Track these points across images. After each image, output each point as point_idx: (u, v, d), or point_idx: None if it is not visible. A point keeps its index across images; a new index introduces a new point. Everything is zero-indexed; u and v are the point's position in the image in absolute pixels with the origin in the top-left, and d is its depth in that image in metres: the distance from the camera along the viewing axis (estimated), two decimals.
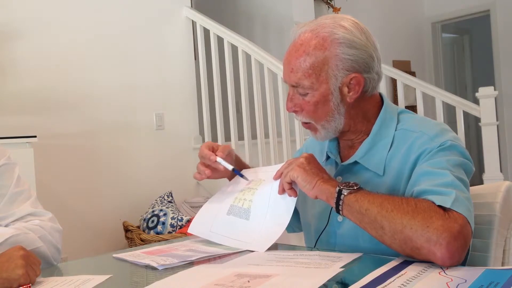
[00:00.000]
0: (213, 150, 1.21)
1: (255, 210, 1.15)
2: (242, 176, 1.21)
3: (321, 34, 1.08)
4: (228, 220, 1.18)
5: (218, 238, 1.17)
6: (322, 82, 1.08)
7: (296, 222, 1.33)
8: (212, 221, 1.22)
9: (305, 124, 1.16)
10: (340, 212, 1.00)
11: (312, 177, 1.04)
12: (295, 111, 1.14)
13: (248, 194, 1.18)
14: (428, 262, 0.89)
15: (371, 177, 1.09)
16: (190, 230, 1.25)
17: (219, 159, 1.19)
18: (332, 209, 1.12)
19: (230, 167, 1.20)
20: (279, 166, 1.14)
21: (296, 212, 1.30)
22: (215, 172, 1.23)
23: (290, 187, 1.09)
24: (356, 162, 1.12)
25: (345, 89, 1.09)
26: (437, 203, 0.91)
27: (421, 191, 0.97)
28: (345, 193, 0.98)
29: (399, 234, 0.91)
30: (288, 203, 1.10)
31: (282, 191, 1.10)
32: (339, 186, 1.00)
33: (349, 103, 1.10)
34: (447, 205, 0.91)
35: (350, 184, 1.00)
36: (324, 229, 1.16)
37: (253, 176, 1.23)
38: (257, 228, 1.13)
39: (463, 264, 0.93)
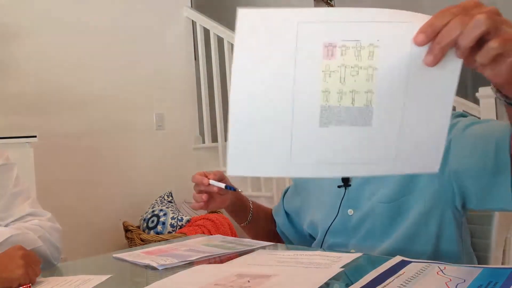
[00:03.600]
0: (206, 177, 1.20)
1: (382, 105, 0.64)
2: (235, 190, 1.18)
3: None
4: (327, 135, 0.66)
5: (318, 169, 0.69)
6: None
7: (293, 234, 1.30)
8: (288, 145, 0.66)
9: None
10: None
11: None
12: None
13: (350, 80, 0.63)
14: (426, 262, 0.89)
15: None
16: (232, 170, 0.67)
17: (211, 181, 1.17)
18: (341, 202, 1.09)
19: (222, 185, 1.17)
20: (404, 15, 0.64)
21: (291, 226, 1.28)
22: (211, 200, 1.20)
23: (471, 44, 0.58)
24: None
25: None
26: None
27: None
28: None
29: None
30: (450, 74, 0.63)
31: (439, 57, 0.60)
32: None
33: None
34: None
35: None
36: (332, 223, 1.12)
37: None
38: (394, 136, 0.67)
39: (462, 261, 0.93)
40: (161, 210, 2.99)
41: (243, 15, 0.62)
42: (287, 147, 0.66)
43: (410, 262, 0.90)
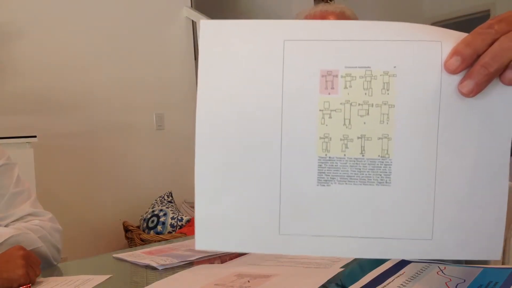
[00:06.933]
0: None
1: (405, 156, 0.47)
2: None
3: None
4: (328, 197, 0.48)
5: (315, 245, 0.49)
6: None
7: None
8: (275, 210, 0.49)
9: None
10: None
11: None
12: None
13: (358, 122, 0.47)
14: (426, 261, 0.89)
15: None
16: (201, 244, 0.53)
17: None
18: None
19: None
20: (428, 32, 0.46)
21: None
22: None
23: None
24: None
25: None
26: None
27: None
28: None
29: None
30: (502, 109, 0.46)
31: (483, 85, 0.44)
32: None
33: None
34: None
35: None
36: None
37: None
38: (425, 199, 0.48)
39: (461, 262, 0.93)
40: (161, 210, 2.99)
41: (206, 26, 0.48)
42: (273, 214, 0.49)
43: (410, 262, 0.90)
